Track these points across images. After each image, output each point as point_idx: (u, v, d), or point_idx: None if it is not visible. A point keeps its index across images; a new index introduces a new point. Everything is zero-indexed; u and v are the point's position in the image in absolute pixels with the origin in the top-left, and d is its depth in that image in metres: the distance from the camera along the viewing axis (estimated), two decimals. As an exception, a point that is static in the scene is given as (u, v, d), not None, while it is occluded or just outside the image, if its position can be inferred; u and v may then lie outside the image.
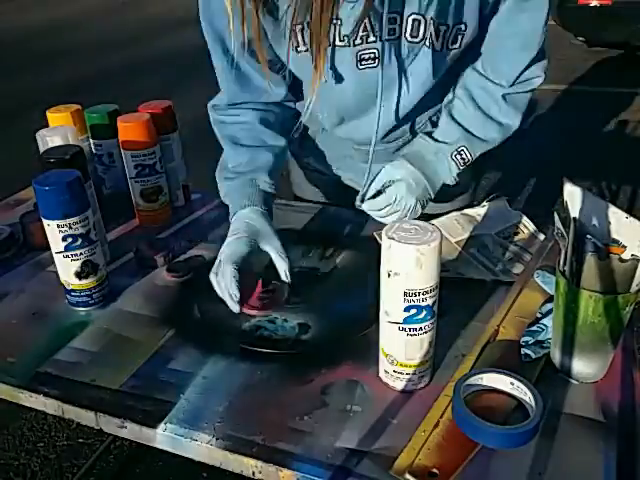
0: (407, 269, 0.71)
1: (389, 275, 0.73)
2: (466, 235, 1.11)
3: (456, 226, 1.14)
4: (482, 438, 0.71)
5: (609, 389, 0.79)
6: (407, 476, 0.68)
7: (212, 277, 0.93)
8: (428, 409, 0.76)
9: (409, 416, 0.76)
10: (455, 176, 1.07)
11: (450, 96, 1.10)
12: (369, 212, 1.07)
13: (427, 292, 0.73)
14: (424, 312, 0.74)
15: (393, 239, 0.71)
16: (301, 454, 0.72)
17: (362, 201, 1.07)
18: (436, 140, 1.07)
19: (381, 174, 1.06)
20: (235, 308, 0.90)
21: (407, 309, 0.74)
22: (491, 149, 1.09)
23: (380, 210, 1.05)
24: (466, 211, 1.18)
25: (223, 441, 0.74)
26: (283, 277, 0.95)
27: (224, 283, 0.90)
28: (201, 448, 0.75)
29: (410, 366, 0.78)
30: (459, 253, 1.07)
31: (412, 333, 0.75)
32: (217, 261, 0.94)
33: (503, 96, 1.05)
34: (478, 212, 1.17)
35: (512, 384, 0.76)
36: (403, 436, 0.73)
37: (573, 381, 0.81)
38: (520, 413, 0.74)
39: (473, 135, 1.06)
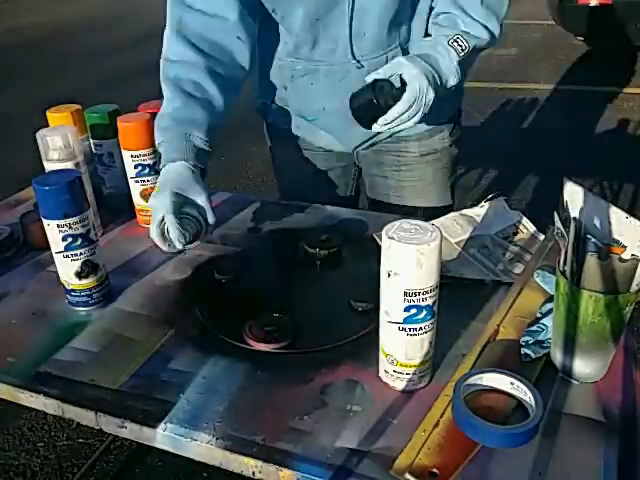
0: (407, 269, 0.71)
1: (389, 275, 0.73)
2: (466, 236, 1.11)
3: (455, 226, 1.14)
4: (482, 438, 0.71)
5: (609, 389, 0.79)
6: (407, 476, 0.68)
7: (154, 231, 0.97)
8: (428, 409, 0.76)
9: (409, 416, 0.76)
10: (457, 68, 1.08)
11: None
12: (391, 120, 1.04)
13: (427, 292, 0.73)
14: (424, 312, 0.74)
15: (393, 239, 0.71)
16: (301, 454, 0.72)
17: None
18: (430, 35, 1.13)
19: (394, 62, 1.06)
20: (179, 246, 0.97)
21: (407, 309, 0.74)
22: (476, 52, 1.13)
23: (407, 111, 1.03)
24: (465, 211, 1.18)
25: (223, 441, 0.74)
26: (211, 221, 1.01)
27: (172, 234, 0.95)
28: (201, 448, 0.75)
29: (410, 366, 0.78)
30: (459, 253, 1.07)
31: (412, 333, 0.75)
32: (157, 215, 0.96)
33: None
34: (477, 212, 1.17)
35: (512, 384, 0.76)
36: (403, 436, 0.73)
37: (573, 381, 0.80)
38: (520, 413, 0.74)
39: (462, 30, 1.10)
